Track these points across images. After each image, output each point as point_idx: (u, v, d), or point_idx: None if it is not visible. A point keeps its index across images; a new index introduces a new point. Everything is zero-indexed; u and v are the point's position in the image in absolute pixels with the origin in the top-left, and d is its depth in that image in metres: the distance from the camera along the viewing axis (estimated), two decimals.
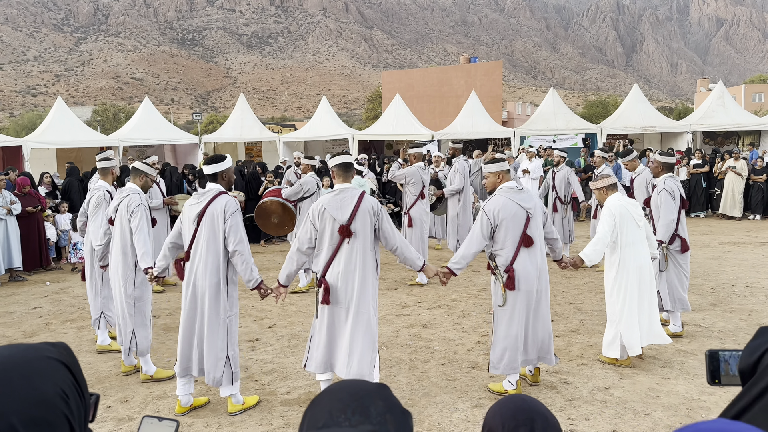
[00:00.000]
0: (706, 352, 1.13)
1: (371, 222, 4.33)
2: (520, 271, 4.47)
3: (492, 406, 1.27)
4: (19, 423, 0.82)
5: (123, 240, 5.04)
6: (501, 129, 19.07)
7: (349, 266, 4.25)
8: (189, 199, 4.51)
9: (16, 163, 13.95)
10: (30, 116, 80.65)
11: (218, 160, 4.48)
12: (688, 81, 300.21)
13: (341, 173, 4.49)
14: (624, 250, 5.02)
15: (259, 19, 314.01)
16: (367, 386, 0.99)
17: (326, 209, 4.29)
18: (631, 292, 5.00)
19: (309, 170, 8.40)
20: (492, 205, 4.55)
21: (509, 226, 4.48)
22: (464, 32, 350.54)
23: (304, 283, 8.16)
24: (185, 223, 4.42)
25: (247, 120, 19.66)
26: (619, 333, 5.04)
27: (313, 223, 4.34)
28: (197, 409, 4.48)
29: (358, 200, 4.31)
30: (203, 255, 4.26)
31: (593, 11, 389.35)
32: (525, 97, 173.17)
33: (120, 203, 5.05)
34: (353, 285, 4.25)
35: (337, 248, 4.27)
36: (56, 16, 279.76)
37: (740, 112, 18.04)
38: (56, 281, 9.32)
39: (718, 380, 1.13)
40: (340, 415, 0.93)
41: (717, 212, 14.76)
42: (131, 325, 5.04)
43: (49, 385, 0.88)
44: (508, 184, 4.66)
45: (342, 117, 25.77)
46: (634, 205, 5.15)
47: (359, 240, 4.28)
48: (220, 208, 4.26)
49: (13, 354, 0.89)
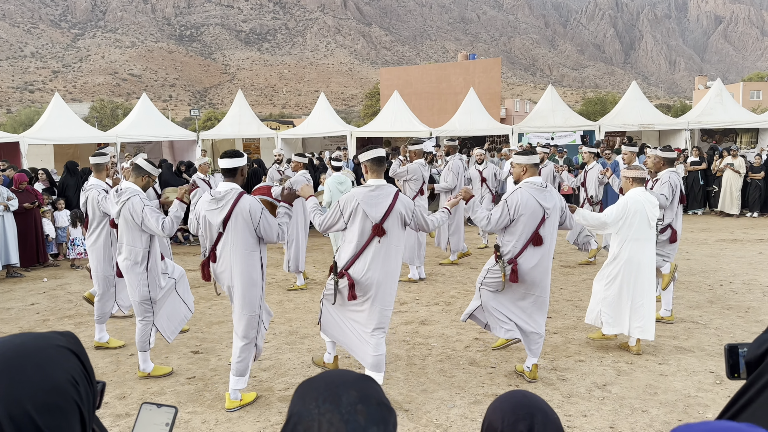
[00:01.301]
0: (725, 347, 1.14)
1: (402, 220, 4.30)
2: (523, 266, 4.56)
3: (493, 402, 1.28)
4: (32, 408, 0.85)
5: (129, 242, 4.88)
6: (499, 126, 19.07)
7: (375, 263, 4.21)
8: (203, 201, 4.32)
9: (14, 160, 13.92)
10: (27, 112, 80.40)
11: (236, 155, 4.34)
12: (687, 78, 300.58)
13: (375, 168, 4.36)
14: (628, 245, 5.14)
15: (257, 16, 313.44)
16: (348, 377, 0.99)
17: (360, 204, 4.20)
18: (620, 282, 5.17)
19: (300, 168, 8.31)
20: (514, 199, 4.59)
21: (526, 222, 4.54)
22: (463, 29, 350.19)
23: (301, 281, 8.13)
24: (205, 227, 4.29)
25: (245, 116, 19.63)
26: (600, 311, 5.31)
27: (342, 213, 4.26)
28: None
29: (393, 199, 4.24)
30: (233, 257, 4.21)
31: (592, 8, 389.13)
32: (523, 94, 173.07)
33: (122, 207, 4.83)
34: (378, 281, 4.22)
35: (366, 245, 4.22)
36: (54, 12, 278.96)
37: (738, 110, 18.04)
38: (53, 278, 9.30)
39: (738, 374, 1.14)
40: (311, 402, 0.94)
41: (715, 209, 14.78)
42: (149, 325, 4.95)
43: (61, 373, 0.90)
44: (533, 179, 4.67)
45: (340, 114, 25.73)
46: (652, 204, 5.22)
47: (389, 238, 4.24)
48: (245, 212, 4.17)
49: (25, 342, 0.92)
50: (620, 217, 5.09)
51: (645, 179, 5.33)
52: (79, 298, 7.82)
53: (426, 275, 8.56)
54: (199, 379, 5.00)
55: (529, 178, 4.69)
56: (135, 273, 4.89)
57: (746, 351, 1.11)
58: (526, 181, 4.68)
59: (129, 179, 5.08)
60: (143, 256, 4.89)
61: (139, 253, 4.88)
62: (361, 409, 0.93)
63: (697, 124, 17.60)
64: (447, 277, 8.63)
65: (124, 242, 4.93)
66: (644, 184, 5.31)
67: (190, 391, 4.76)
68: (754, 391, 1.01)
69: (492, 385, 4.73)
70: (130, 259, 4.89)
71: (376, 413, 0.94)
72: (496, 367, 5.11)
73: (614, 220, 5.09)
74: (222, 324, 6.51)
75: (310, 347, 5.68)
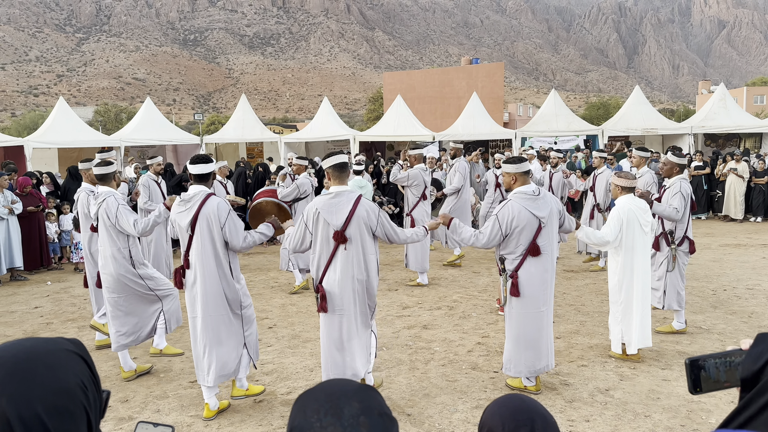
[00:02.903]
0: (686, 361, 1.11)
1: (367, 227, 4.19)
2: (523, 279, 4.41)
3: (489, 406, 1.27)
4: (42, 411, 0.85)
5: (112, 245, 4.97)
6: (502, 130, 19.06)
7: (347, 272, 4.13)
8: (174, 205, 4.36)
9: (19, 163, 13.96)
10: (32, 116, 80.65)
11: (205, 160, 4.32)
12: (690, 83, 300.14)
13: (336, 174, 4.26)
14: (626, 254, 5.10)
15: (261, 20, 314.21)
16: (348, 387, 0.99)
17: (320, 212, 4.14)
18: (632, 293, 5.14)
19: (302, 171, 8.36)
20: (505, 213, 4.37)
21: (521, 234, 4.36)
22: (466, 33, 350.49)
23: (299, 280, 8.14)
24: (179, 232, 4.32)
25: (248, 120, 19.67)
26: (621, 331, 5.22)
27: (306, 225, 4.21)
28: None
29: (353, 205, 4.15)
30: (203, 260, 4.19)
31: (595, 13, 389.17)
32: (526, 98, 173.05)
33: (99, 210, 4.94)
34: (351, 291, 4.16)
35: (332, 254, 4.15)
36: (58, 17, 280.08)
37: (742, 115, 18.02)
38: (57, 281, 9.32)
39: (700, 388, 1.12)
40: (313, 416, 0.93)
41: (718, 214, 14.75)
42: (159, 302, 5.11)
43: (71, 376, 0.91)
44: (524, 189, 4.44)
45: (343, 118, 25.76)
46: (643, 210, 5.15)
47: (356, 245, 4.14)
48: (213, 213, 4.15)
49: (36, 345, 0.92)
50: (618, 230, 5.03)
51: (634, 188, 5.24)
52: (82, 301, 7.84)
53: (429, 280, 8.56)
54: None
55: (519, 188, 4.46)
56: (125, 275, 4.98)
57: (713, 364, 1.09)
58: (517, 191, 4.45)
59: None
60: (125, 256, 4.97)
61: (119, 254, 4.95)
62: (364, 421, 0.93)
63: (700, 129, 17.57)
64: (450, 281, 8.63)
65: (106, 244, 4.98)
66: (630, 191, 5.21)
67: (193, 394, 4.77)
68: (755, 408, 0.99)
69: (494, 390, 4.72)
70: (111, 259, 4.96)
71: (378, 424, 0.94)
72: (499, 371, 5.10)
73: (614, 235, 5.02)
74: None
75: (313, 351, 5.68)
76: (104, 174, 5.12)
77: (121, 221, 4.86)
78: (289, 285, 8.53)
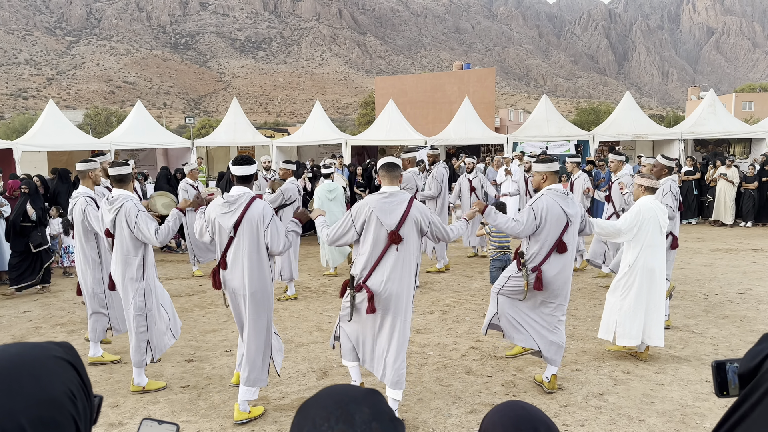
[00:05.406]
0: (713, 364, 1.11)
1: (418, 228, 4.19)
2: (547, 274, 4.53)
3: (489, 414, 1.24)
4: (27, 422, 0.81)
5: (124, 251, 4.72)
6: (494, 135, 19.14)
7: (395, 273, 4.08)
8: (214, 205, 4.27)
9: (7, 167, 13.84)
10: (21, 119, 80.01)
11: (248, 162, 4.30)
12: (679, 89, 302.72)
13: (387, 174, 4.28)
14: (644, 252, 5.20)
15: (252, 24, 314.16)
16: (355, 392, 0.97)
17: (373, 212, 4.09)
18: (636, 290, 5.21)
19: (289, 175, 8.17)
20: (540, 205, 4.55)
21: (551, 229, 4.51)
22: (457, 39, 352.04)
23: (292, 291, 8.06)
24: (216, 232, 4.25)
25: (240, 124, 19.63)
26: (616, 321, 5.28)
27: (354, 223, 4.14)
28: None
29: (407, 205, 4.14)
30: (245, 262, 4.17)
31: (585, 19, 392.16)
32: (517, 103, 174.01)
33: (116, 215, 4.69)
34: (396, 292, 4.09)
35: (382, 254, 4.09)
36: (48, 20, 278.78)
37: (731, 120, 18.18)
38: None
39: (727, 392, 1.11)
40: (324, 424, 0.90)
41: (709, 219, 14.83)
42: (145, 336, 4.78)
43: (58, 385, 0.86)
44: (555, 186, 4.65)
45: (335, 122, 25.73)
46: (663, 211, 5.30)
47: (407, 247, 4.12)
48: (257, 216, 4.17)
49: (22, 352, 0.88)
50: (634, 224, 5.14)
51: (656, 189, 5.39)
52: (71, 306, 7.76)
53: (421, 283, 8.54)
54: (193, 388, 4.95)
55: (551, 185, 4.65)
56: (131, 283, 4.74)
57: (737, 366, 1.09)
58: (549, 187, 4.64)
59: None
60: (138, 265, 4.74)
61: (134, 262, 4.73)
62: (376, 427, 0.90)
63: (690, 134, 17.70)
64: (442, 285, 8.61)
65: (118, 252, 4.75)
66: (653, 192, 5.36)
67: (184, 399, 4.71)
68: (747, 405, 0.99)
69: (489, 395, 4.70)
70: (125, 269, 4.73)
71: (390, 429, 0.92)
72: (493, 376, 5.08)
73: (629, 227, 5.13)
74: (216, 332, 6.46)
75: (305, 356, 5.64)
76: (122, 175, 4.83)
77: (142, 228, 4.63)
78: (278, 291, 8.48)
